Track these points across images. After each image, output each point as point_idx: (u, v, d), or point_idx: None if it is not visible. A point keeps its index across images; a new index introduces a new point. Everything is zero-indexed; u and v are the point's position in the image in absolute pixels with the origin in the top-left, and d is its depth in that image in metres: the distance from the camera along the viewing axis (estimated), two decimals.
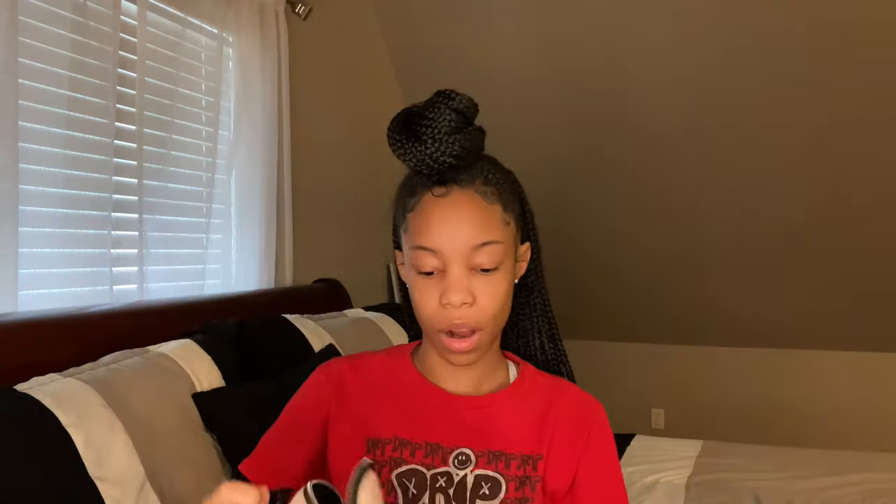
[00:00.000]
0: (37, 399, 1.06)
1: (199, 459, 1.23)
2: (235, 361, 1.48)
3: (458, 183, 0.72)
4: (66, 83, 1.47)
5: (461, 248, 0.71)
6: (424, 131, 0.71)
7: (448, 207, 0.71)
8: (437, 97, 0.72)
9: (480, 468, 0.75)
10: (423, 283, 0.73)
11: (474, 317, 0.72)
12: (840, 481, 1.73)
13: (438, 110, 0.71)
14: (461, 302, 0.71)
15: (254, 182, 2.02)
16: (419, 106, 0.72)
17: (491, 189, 0.73)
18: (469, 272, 0.72)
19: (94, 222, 1.55)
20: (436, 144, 0.70)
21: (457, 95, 0.72)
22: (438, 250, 0.71)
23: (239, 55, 2.00)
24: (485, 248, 0.71)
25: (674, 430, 3.49)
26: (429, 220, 0.72)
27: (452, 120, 0.71)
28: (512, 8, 2.48)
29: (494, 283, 0.73)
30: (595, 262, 3.24)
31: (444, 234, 0.71)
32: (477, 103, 0.74)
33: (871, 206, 2.61)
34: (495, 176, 0.75)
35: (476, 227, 0.71)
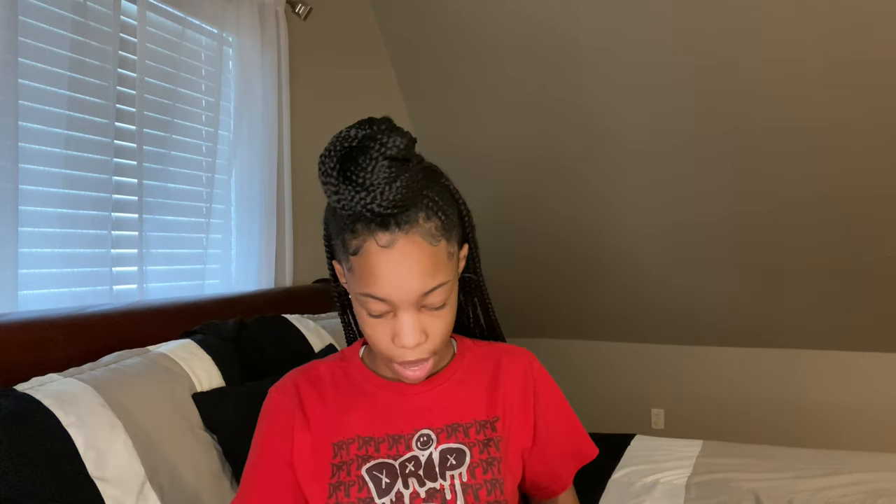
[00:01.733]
0: (37, 399, 1.06)
1: (199, 459, 1.23)
2: (235, 361, 1.48)
3: (401, 227, 0.68)
4: (66, 83, 1.47)
5: (412, 297, 0.70)
6: (359, 181, 0.66)
7: (394, 259, 0.68)
8: (369, 141, 0.66)
9: (443, 443, 0.79)
10: (374, 322, 0.73)
11: (427, 349, 0.74)
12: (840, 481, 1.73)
13: (371, 159, 0.65)
14: (415, 344, 0.72)
15: (254, 182, 2.02)
16: (351, 145, 0.66)
17: (434, 224, 0.70)
18: (419, 313, 0.72)
19: (94, 222, 1.55)
20: (371, 195, 0.65)
21: (390, 139, 0.66)
22: (388, 299, 0.70)
23: (239, 55, 2.00)
24: (434, 292, 0.71)
25: (674, 430, 3.49)
26: (376, 273, 0.69)
27: (387, 167, 0.65)
28: (511, 10, 2.48)
29: (444, 316, 0.74)
30: (595, 262, 3.24)
31: (393, 286, 0.69)
32: (412, 140, 0.68)
33: (871, 206, 2.61)
34: (436, 203, 0.71)
35: (424, 275, 0.70)
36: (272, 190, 2.06)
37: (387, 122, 0.68)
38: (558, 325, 3.65)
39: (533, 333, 3.71)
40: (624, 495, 1.72)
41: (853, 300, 2.95)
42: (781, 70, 2.33)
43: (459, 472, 0.77)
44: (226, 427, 1.30)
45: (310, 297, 2.14)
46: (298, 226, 2.24)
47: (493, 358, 0.87)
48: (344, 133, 0.67)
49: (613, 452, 2.03)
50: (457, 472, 0.77)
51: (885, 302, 2.90)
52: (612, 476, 1.85)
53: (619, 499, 1.70)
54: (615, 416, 3.62)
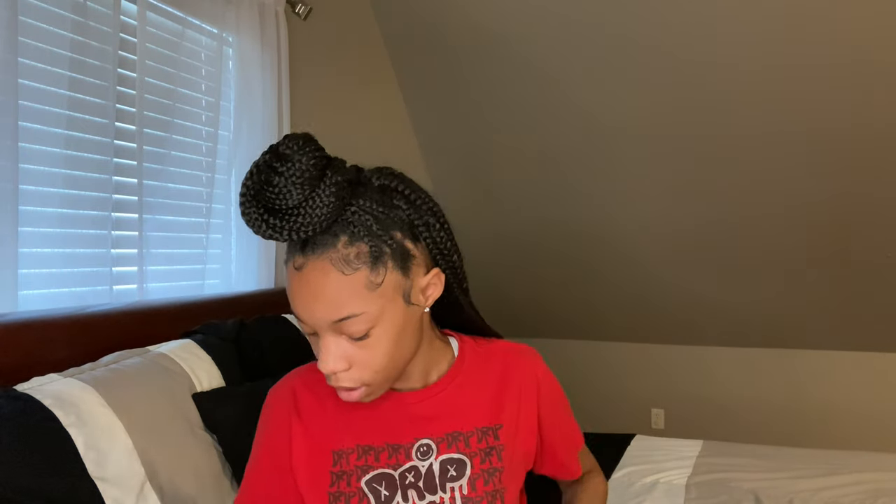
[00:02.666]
0: (37, 399, 1.06)
1: (199, 459, 1.23)
2: (235, 361, 1.48)
3: (315, 251, 0.65)
4: (66, 83, 1.47)
5: (322, 324, 0.67)
6: (273, 202, 0.62)
7: (302, 283, 0.66)
8: (269, 166, 0.62)
9: (443, 453, 0.77)
10: (312, 340, 0.72)
11: (354, 377, 0.70)
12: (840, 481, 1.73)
13: (278, 186, 0.62)
14: (332, 371, 0.69)
15: None
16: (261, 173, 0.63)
17: (355, 250, 0.65)
18: (340, 339, 0.69)
19: (94, 222, 1.55)
20: (288, 219, 0.62)
21: (290, 161, 0.61)
22: (303, 320, 0.68)
23: (239, 55, 2.00)
24: (345, 323, 0.67)
25: (674, 430, 3.49)
26: (291, 293, 0.68)
27: (295, 190, 0.61)
28: (510, 10, 2.48)
29: (370, 347, 0.69)
30: (595, 262, 3.24)
31: (303, 310, 0.67)
32: (319, 149, 0.64)
33: (871, 207, 2.61)
34: (366, 227, 0.66)
35: (329, 305, 0.65)
36: None
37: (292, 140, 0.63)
38: (558, 325, 3.65)
39: (533, 333, 3.71)
40: (624, 495, 1.72)
41: (853, 300, 2.95)
42: (782, 73, 2.33)
43: (460, 484, 0.76)
44: (226, 427, 1.30)
45: None
46: None
47: (498, 358, 0.85)
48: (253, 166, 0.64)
49: (613, 452, 2.03)
50: (457, 484, 0.76)
51: (886, 302, 2.90)
52: (612, 476, 1.86)
53: (619, 499, 1.70)
54: (615, 416, 3.62)
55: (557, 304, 3.52)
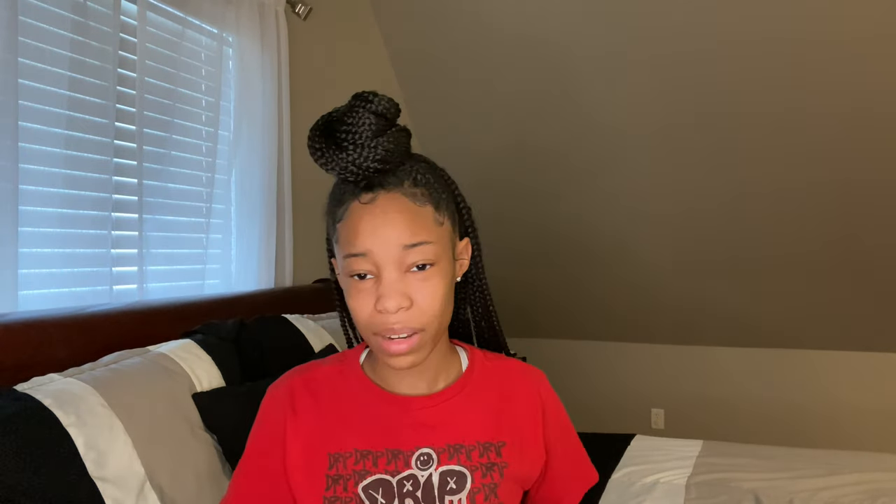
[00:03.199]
0: (37, 399, 1.06)
1: (199, 459, 1.23)
2: (235, 361, 1.48)
3: (384, 187, 0.70)
4: (66, 83, 1.47)
5: (392, 251, 0.69)
6: (345, 137, 0.69)
7: (376, 213, 0.69)
8: (356, 101, 0.70)
9: (444, 464, 0.76)
10: (358, 288, 0.71)
11: (413, 319, 0.70)
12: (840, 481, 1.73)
13: (357, 115, 0.69)
14: (397, 307, 0.69)
15: (254, 182, 2.02)
16: (338, 111, 0.70)
17: (421, 190, 0.71)
18: (403, 275, 0.70)
19: (94, 222, 1.55)
20: (357, 150, 0.68)
21: (375, 97, 0.69)
22: (369, 254, 0.69)
23: (239, 55, 2.00)
24: (416, 249, 0.69)
25: (674, 430, 3.49)
26: (357, 227, 0.70)
27: (373, 123, 0.69)
28: (509, 10, 2.48)
29: (431, 284, 0.71)
30: (595, 262, 3.24)
31: (374, 237, 0.69)
32: (397, 104, 0.72)
33: (871, 207, 2.61)
34: (425, 177, 0.73)
35: (406, 229, 0.69)
36: (272, 190, 2.06)
37: (374, 91, 0.71)
38: (558, 325, 3.65)
39: (533, 333, 3.71)
40: (624, 495, 1.72)
41: (853, 300, 2.95)
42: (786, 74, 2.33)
43: (459, 497, 0.75)
44: (226, 427, 1.30)
45: (310, 297, 2.14)
46: (298, 226, 2.24)
47: (504, 375, 0.84)
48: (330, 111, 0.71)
49: (613, 452, 2.03)
50: (456, 497, 0.75)
51: (885, 302, 2.90)
52: (612, 476, 1.85)
53: (619, 499, 1.70)
54: (615, 416, 3.62)
55: (557, 304, 3.52)
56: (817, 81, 2.32)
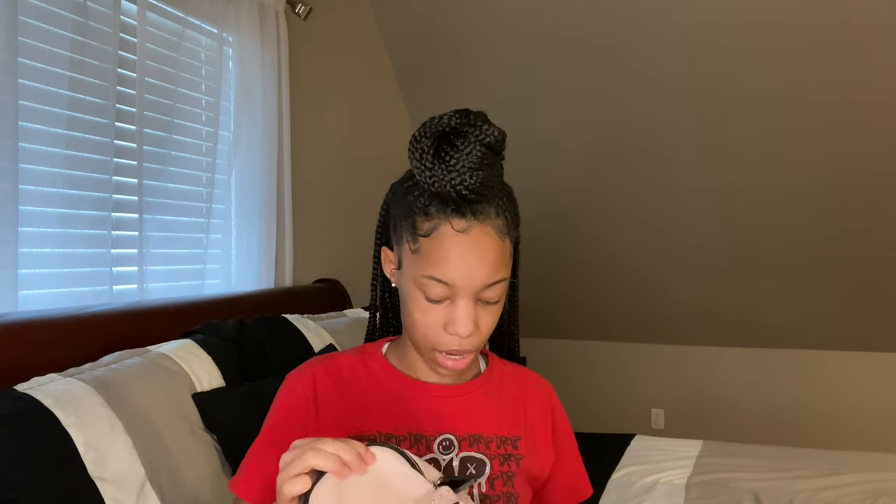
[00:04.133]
0: (37, 399, 1.06)
1: (199, 459, 1.23)
2: (235, 361, 1.48)
3: (476, 217, 0.71)
4: (66, 83, 1.47)
5: (477, 285, 0.71)
6: (452, 159, 0.69)
7: (469, 246, 0.70)
8: (469, 128, 0.70)
9: (464, 451, 0.78)
10: (429, 307, 0.73)
11: (475, 343, 0.74)
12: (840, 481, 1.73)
13: (469, 143, 0.69)
14: (468, 333, 0.72)
15: (254, 182, 2.02)
16: (449, 127, 0.70)
17: (503, 221, 0.73)
18: (475, 302, 0.73)
19: (94, 222, 1.55)
20: (462, 177, 0.69)
21: (489, 127, 0.70)
22: (453, 284, 0.71)
23: (239, 55, 2.00)
24: (495, 286, 0.72)
25: (674, 430, 3.49)
26: (448, 255, 0.70)
27: (483, 155, 0.69)
28: (512, 7, 2.48)
29: (495, 313, 0.75)
30: (595, 262, 3.24)
31: (463, 271, 0.70)
32: (505, 134, 0.72)
33: (870, 207, 2.61)
34: (504, 202, 0.74)
35: (492, 267, 0.71)
36: (272, 190, 2.06)
37: (483, 115, 0.72)
38: (558, 325, 3.65)
39: (533, 333, 3.71)
40: (624, 495, 1.72)
41: (853, 300, 2.95)
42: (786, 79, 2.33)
43: (479, 482, 0.77)
44: (226, 427, 1.30)
45: (310, 297, 2.14)
46: (298, 226, 2.24)
47: (519, 382, 0.87)
48: (438, 118, 0.70)
49: (613, 452, 2.03)
50: (476, 482, 0.77)
51: (886, 302, 2.90)
52: (612, 476, 1.85)
53: (619, 499, 1.70)
54: (615, 416, 3.62)
55: (557, 304, 3.52)
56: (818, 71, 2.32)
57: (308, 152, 2.31)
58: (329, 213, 2.44)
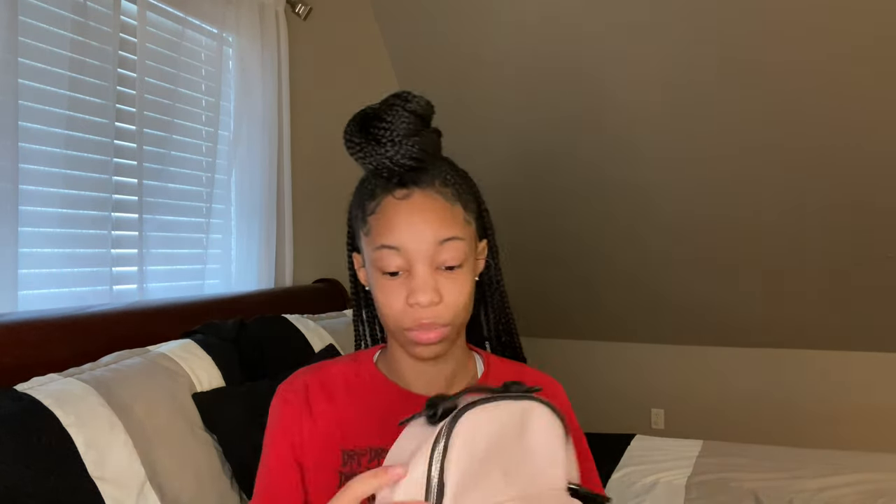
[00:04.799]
0: (37, 399, 1.06)
1: (199, 459, 1.23)
2: (235, 361, 1.48)
3: (418, 185, 0.72)
4: (66, 83, 1.47)
5: (426, 246, 0.71)
6: (383, 134, 0.71)
7: (412, 209, 0.72)
8: (394, 99, 0.72)
9: None
10: (388, 283, 0.73)
11: (442, 315, 0.72)
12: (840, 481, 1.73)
13: (396, 113, 0.71)
14: (429, 302, 0.71)
15: (254, 182, 2.02)
16: (375, 108, 0.72)
17: (450, 189, 0.74)
18: (434, 271, 0.72)
19: (94, 222, 1.55)
20: (395, 147, 0.70)
21: (413, 97, 0.72)
22: (403, 248, 0.71)
23: (239, 55, 2.00)
24: (448, 245, 0.71)
25: (674, 430, 3.49)
26: (392, 220, 0.72)
27: (410, 122, 0.71)
28: (511, 4, 2.48)
29: (459, 281, 0.73)
30: (595, 262, 3.24)
31: (409, 231, 0.71)
32: (433, 104, 0.74)
33: (870, 207, 2.61)
34: (453, 177, 0.75)
35: (439, 224, 0.71)
36: (272, 190, 2.06)
37: (410, 92, 0.73)
38: (558, 325, 3.65)
39: (532, 333, 3.71)
40: (624, 495, 1.72)
41: (853, 300, 2.95)
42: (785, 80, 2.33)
43: None
44: (226, 427, 1.30)
45: (310, 297, 2.14)
46: (298, 226, 2.24)
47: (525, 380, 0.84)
48: (366, 107, 0.73)
49: (613, 452, 2.03)
50: None
51: (885, 302, 2.90)
52: (612, 476, 1.86)
53: (619, 499, 1.70)
54: (615, 416, 3.62)
55: (557, 303, 3.52)
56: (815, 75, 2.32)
57: (308, 152, 2.31)
58: (329, 213, 2.44)
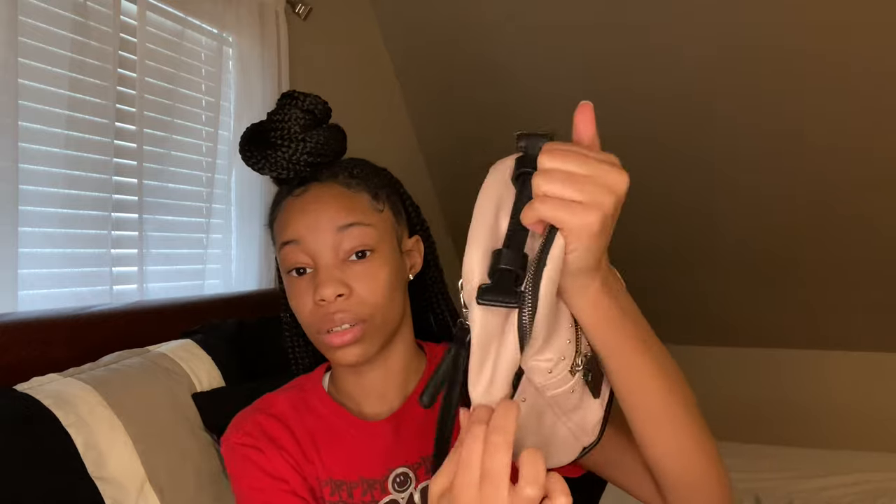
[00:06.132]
0: (37, 399, 1.06)
1: (199, 459, 1.23)
2: (235, 361, 1.48)
3: (317, 179, 0.71)
4: (66, 83, 1.47)
5: (325, 236, 0.67)
6: (276, 136, 0.69)
7: (308, 200, 0.70)
8: (283, 99, 0.71)
9: (423, 480, 0.72)
10: (297, 284, 0.70)
11: (354, 309, 0.68)
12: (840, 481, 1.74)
13: (285, 112, 0.70)
14: (334, 295, 0.67)
15: (254, 182, 2.01)
16: (268, 115, 0.71)
17: (355, 181, 0.71)
18: (341, 263, 0.68)
19: (95, 222, 1.55)
20: (290, 145, 0.68)
21: (303, 95, 0.72)
22: (302, 240, 0.68)
23: (239, 55, 2.00)
24: (351, 231, 0.68)
25: None
26: (289, 216, 0.70)
27: (300, 118, 0.70)
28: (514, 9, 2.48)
29: (371, 270, 0.68)
30: None
31: (305, 222, 0.68)
32: (326, 101, 0.73)
33: (870, 207, 2.61)
34: (361, 171, 0.73)
35: (336, 211, 0.69)
36: (272, 190, 2.05)
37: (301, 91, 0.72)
38: None
39: None
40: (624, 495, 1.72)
41: (853, 300, 2.95)
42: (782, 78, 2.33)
43: None
44: (226, 427, 1.30)
45: None
46: None
47: None
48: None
49: None
50: None
51: (885, 302, 2.90)
52: None
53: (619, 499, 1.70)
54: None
55: None
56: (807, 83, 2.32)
57: None
58: None
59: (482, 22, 2.57)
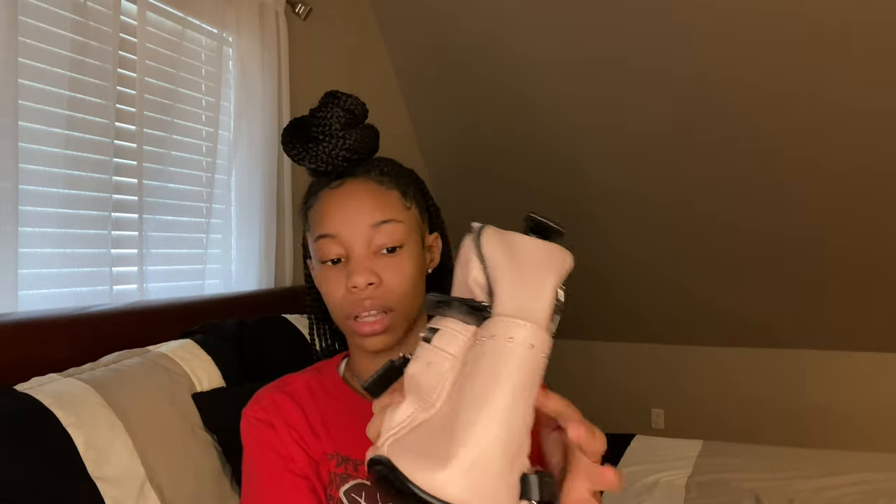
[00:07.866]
0: (37, 399, 1.06)
1: (199, 459, 1.23)
2: (235, 361, 1.48)
3: (353, 175, 0.75)
4: (66, 83, 1.47)
5: (360, 230, 0.72)
6: (318, 131, 0.74)
7: (343, 194, 0.74)
8: (326, 98, 0.76)
9: None
10: (329, 272, 0.74)
11: (382, 297, 0.72)
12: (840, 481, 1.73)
13: (328, 110, 0.75)
14: (366, 283, 0.71)
15: (254, 182, 2.02)
16: (310, 112, 0.76)
17: (387, 179, 0.76)
18: (372, 255, 0.73)
19: (94, 222, 1.55)
20: (331, 140, 0.74)
21: (345, 96, 0.77)
22: (338, 234, 0.72)
23: (239, 55, 2.00)
24: (384, 227, 0.73)
25: (674, 430, 3.49)
26: (326, 209, 0.74)
27: (342, 117, 0.75)
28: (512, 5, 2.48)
29: (399, 263, 0.74)
30: (595, 262, 3.24)
31: (342, 217, 0.73)
32: (364, 103, 0.78)
33: (870, 208, 2.61)
34: (392, 169, 0.77)
35: (373, 208, 0.73)
36: (272, 190, 2.06)
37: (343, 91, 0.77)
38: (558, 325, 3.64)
39: None
40: (624, 495, 1.72)
41: (853, 300, 2.95)
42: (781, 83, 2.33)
43: None
44: (226, 427, 1.30)
45: None
46: (298, 226, 2.24)
47: None
48: None
49: (613, 452, 2.03)
50: None
51: (885, 302, 2.90)
52: None
53: (619, 499, 1.70)
54: (615, 416, 3.62)
55: None
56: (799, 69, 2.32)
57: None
58: None
59: (484, 22, 2.57)
